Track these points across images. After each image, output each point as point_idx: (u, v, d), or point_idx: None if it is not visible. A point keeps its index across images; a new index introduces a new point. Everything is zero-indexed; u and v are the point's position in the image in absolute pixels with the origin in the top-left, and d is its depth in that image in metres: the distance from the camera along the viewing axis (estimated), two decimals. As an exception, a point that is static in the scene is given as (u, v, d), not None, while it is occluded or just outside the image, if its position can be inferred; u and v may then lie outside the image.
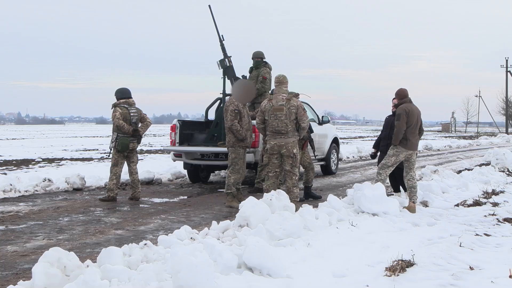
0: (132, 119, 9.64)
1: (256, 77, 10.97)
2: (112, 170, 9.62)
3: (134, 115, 9.67)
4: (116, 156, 9.65)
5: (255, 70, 11.05)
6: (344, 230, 6.50)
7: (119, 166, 9.67)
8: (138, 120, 9.76)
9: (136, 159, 9.95)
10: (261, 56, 11.11)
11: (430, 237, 6.58)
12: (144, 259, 5.03)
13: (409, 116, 8.27)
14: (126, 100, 9.71)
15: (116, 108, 9.61)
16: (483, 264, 5.35)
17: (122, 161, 9.71)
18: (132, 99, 9.79)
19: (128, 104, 9.69)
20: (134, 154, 9.87)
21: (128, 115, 9.59)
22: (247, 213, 6.21)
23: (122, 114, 9.53)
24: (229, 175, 9.00)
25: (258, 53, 11.13)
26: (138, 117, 9.75)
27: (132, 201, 9.61)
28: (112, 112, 9.61)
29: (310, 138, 9.76)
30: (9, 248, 6.08)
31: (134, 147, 9.74)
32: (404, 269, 5.06)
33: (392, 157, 8.44)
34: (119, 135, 9.56)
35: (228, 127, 8.99)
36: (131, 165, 9.81)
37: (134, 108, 9.74)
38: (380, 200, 7.59)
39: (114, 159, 9.66)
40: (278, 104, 8.31)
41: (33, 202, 9.31)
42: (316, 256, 5.43)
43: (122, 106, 9.61)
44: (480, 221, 7.60)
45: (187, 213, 8.41)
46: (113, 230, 7.07)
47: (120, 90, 9.83)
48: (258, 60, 11.07)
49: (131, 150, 9.74)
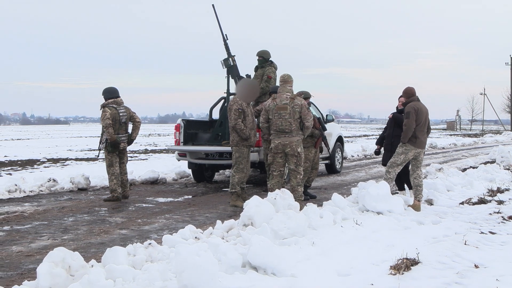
0: (122, 119, 9.61)
1: (261, 76, 10.94)
2: (109, 171, 9.62)
3: (123, 115, 9.64)
4: (109, 156, 9.64)
5: (260, 69, 11.02)
6: (349, 228, 6.50)
7: (115, 166, 9.65)
8: (127, 120, 9.74)
9: (126, 159, 9.94)
10: (266, 55, 11.08)
11: (435, 235, 6.56)
12: (148, 258, 5.04)
13: (418, 114, 8.26)
14: (115, 100, 9.66)
15: (105, 108, 9.56)
16: (488, 262, 5.33)
17: (116, 160, 9.68)
18: (120, 98, 9.75)
19: (116, 104, 9.65)
20: (125, 154, 9.85)
21: (118, 115, 9.56)
22: (251, 212, 6.21)
23: (112, 114, 9.50)
24: (234, 174, 9.00)
25: (263, 52, 11.10)
26: (127, 117, 9.72)
27: (127, 200, 9.64)
28: (102, 113, 9.57)
29: (323, 136, 9.63)
30: (14, 248, 6.10)
31: (124, 147, 9.73)
32: (409, 268, 5.05)
33: (401, 155, 8.41)
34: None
35: (232, 126, 8.98)
36: (121, 165, 9.79)
37: (122, 108, 9.70)
38: (385, 198, 7.58)
39: (108, 160, 9.65)
40: (282, 103, 8.31)
41: (38, 202, 9.34)
42: (321, 255, 5.43)
43: (110, 106, 9.57)
44: (485, 219, 7.58)
45: (191, 213, 8.42)
46: (117, 230, 7.08)
47: (108, 90, 9.78)
48: (262, 59, 11.03)
49: (122, 150, 9.73)
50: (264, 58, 11.00)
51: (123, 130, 9.71)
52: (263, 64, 10.98)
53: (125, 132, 9.76)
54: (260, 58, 11.02)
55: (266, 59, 11.01)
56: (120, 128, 9.63)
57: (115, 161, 9.67)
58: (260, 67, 11.04)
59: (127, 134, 9.83)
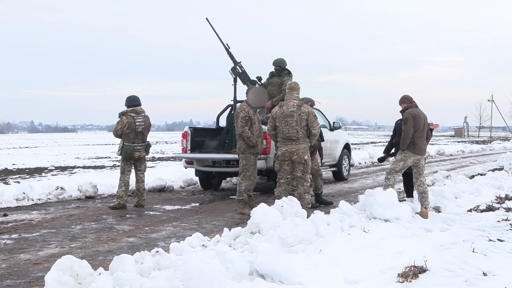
0: (138, 128, 9.65)
1: (278, 84, 10.95)
2: (120, 178, 9.67)
3: (140, 124, 9.68)
4: (123, 164, 9.70)
5: (277, 77, 11.01)
6: (356, 236, 6.48)
7: (126, 174, 9.70)
8: (144, 129, 9.77)
9: (144, 168, 9.97)
10: (283, 64, 11.09)
11: (442, 242, 6.54)
12: (156, 266, 5.04)
13: (416, 120, 8.29)
14: (134, 109, 9.73)
15: (122, 117, 9.64)
16: (496, 270, 5.30)
17: (129, 169, 9.74)
18: (140, 107, 9.81)
19: (135, 113, 9.70)
20: (142, 162, 9.90)
21: (133, 124, 9.60)
22: (258, 220, 6.21)
23: (128, 123, 9.56)
24: (241, 182, 9.01)
25: (280, 61, 11.09)
26: (144, 126, 9.75)
27: (138, 208, 9.65)
28: (118, 120, 9.66)
29: (320, 146, 9.77)
30: (22, 256, 6.12)
31: (140, 155, 9.76)
32: (417, 275, 5.03)
33: (400, 162, 8.43)
34: (124, 143, 9.60)
35: (238, 133, 9.00)
36: (138, 173, 9.86)
37: (141, 117, 9.75)
38: (392, 206, 7.56)
39: (121, 167, 9.73)
40: (289, 111, 8.32)
41: (46, 210, 9.37)
42: (328, 262, 5.42)
43: (128, 115, 9.64)
44: (493, 227, 7.54)
45: (199, 220, 8.42)
46: (125, 238, 7.09)
47: (128, 98, 9.86)
48: (280, 68, 11.05)
49: (138, 159, 9.77)
50: (282, 67, 11.03)
51: (139, 139, 9.74)
52: (281, 73, 11.00)
53: (141, 141, 9.79)
54: (278, 67, 11.03)
55: (283, 68, 11.04)
56: (136, 137, 9.67)
57: (127, 169, 9.71)
58: (277, 76, 11.04)
59: (145, 143, 9.87)
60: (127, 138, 9.60)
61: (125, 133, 9.58)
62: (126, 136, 9.58)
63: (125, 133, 9.59)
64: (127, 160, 9.66)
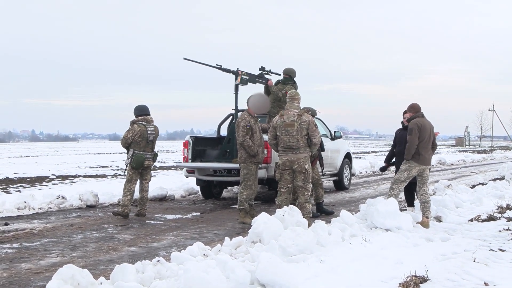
0: (149, 136, 9.72)
1: (279, 89, 11.00)
2: (126, 186, 9.68)
3: (151, 133, 9.74)
4: (131, 172, 9.72)
5: (282, 85, 11.03)
6: (357, 245, 6.47)
7: (133, 183, 9.73)
8: (155, 138, 9.84)
9: (149, 177, 10.01)
10: (293, 75, 11.11)
11: (444, 252, 6.53)
12: (157, 275, 5.04)
13: (421, 130, 8.26)
14: (144, 117, 9.80)
15: (134, 125, 9.69)
16: (498, 280, 5.30)
17: (136, 178, 9.77)
18: (150, 116, 9.89)
19: (146, 121, 9.78)
20: (148, 171, 9.94)
21: (146, 132, 9.67)
22: (259, 229, 6.21)
23: (140, 131, 9.60)
24: (242, 191, 9.01)
25: (290, 71, 11.09)
26: (155, 135, 9.82)
27: (139, 217, 9.65)
28: (129, 129, 9.68)
29: (320, 156, 9.79)
30: (23, 265, 6.12)
31: (149, 164, 9.80)
32: (418, 285, 5.03)
33: (404, 172, 8.42)
34: (135, 152, 9.63)
35: (239, 143, 9.02)
36: (143, 182, 9.88)
37: (152, 126, 9.82)
38: (393, 215, 7.56)
39: (129, 175, 9.73)
40: (290, 120, 8.34)
41: (47, 219, 9.37)
42: (329, 272, 5.41)
43: (140, 123, 9.70)
44: (494, 236, 7.53)
45: (200, 230, 8.42)
46: (126, 247, 7.09)
47: (138, 107, 9.92)
48: (289, 77, 11.08)
49: (146, 168, 9.81)
50: (291, 77, 11.05)
51: (149, 148, 9.80)
52: (286, 82, 11.02)
53: (151, 151, 9.85)
54: (287, 76, 11.04)
55: (292, 78, 11.06)
56: (147, 146, 9.73)
57: (135, 178, 9.75)
58: (282, 83, 11.06)
59: (153, 152, 9.91)
60: (138, 147, 9.63)
61: (136, 141, 9.62)
62: (137, 144, 9.62)
63: (136, 141, 9.63)
64: (137, 168, 9.69)
